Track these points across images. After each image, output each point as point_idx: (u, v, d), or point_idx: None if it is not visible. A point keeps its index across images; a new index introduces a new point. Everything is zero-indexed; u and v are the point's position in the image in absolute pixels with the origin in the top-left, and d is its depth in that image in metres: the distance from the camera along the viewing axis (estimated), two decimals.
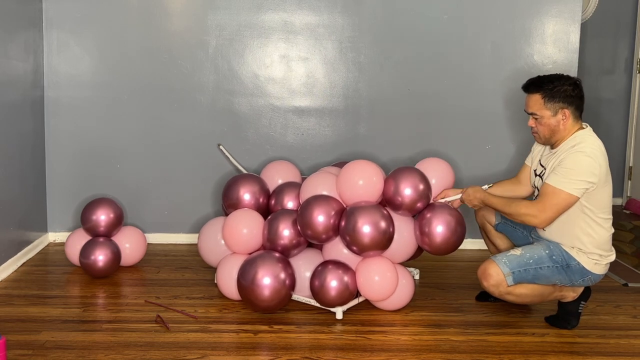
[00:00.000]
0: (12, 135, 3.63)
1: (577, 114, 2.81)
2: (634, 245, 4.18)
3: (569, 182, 2.69)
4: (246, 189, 3.29)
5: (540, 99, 2.79)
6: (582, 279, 2.85)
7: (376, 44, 4.09)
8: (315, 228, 2.96)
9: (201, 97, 4.10)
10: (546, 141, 2.88)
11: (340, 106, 4.14)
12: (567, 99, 2.77)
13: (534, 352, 2.72)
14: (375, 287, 2.98)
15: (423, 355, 2.67)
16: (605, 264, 2.87)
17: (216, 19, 4.05)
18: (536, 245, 2.90)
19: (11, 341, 2.66)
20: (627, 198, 5.46)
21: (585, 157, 2.70)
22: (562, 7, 4.05)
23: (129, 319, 2.99)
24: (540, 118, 2.81)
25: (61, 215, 4.14)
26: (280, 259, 2.98)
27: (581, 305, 2.96)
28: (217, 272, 3.23)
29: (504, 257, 2.83)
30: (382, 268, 2.98)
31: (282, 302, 2.97)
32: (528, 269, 2.80)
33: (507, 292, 2.82)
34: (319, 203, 2.99)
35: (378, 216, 2.91)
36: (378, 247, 2.93)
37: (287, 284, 2.94)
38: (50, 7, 3.99)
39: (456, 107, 4.12)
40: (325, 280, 2.93)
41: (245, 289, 2.93)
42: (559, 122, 2.78)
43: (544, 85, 2.79)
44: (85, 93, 4.07)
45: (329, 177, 3.17)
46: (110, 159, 4.12)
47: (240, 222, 3.14)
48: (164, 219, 4.20)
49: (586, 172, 2.69)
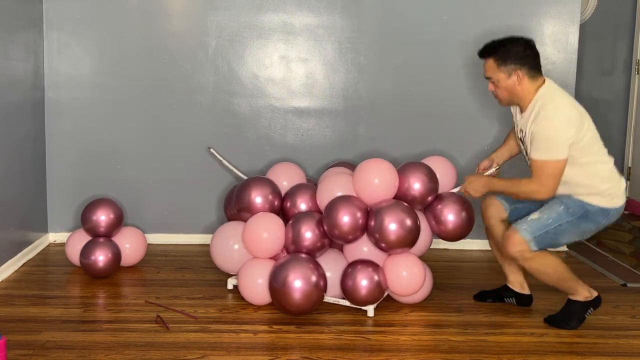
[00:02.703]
0: (12, 135, 3.64)
1: (533, 73, 2.84)
2: (633, 246, 4.19)
3: (550, 150, 2.75)
4: (258, 192, 3.23)
5: (493, 63, 2.86)
6: (606, 217, 2.87)
7: (376, 45, 4.10)
8: (342, 228, 3.00)
9: (201, 98, 4.11)
10: (508, 103, 2.94)
11: (340, 107, 4.15)
12: (519, 60, 2.82)
13: (533, 352, 2.73)
14: (404, 283, 3.05)
15: (422, 356, 2.68)
16: (621, 193, 2.90)
17: (216, 20, 4.06)
18: (551, 204, 2.91)
19: (12, 341, 2.67)
20: (625, 198, 5.47)
21: (552, 122, 2.74)
22: (561, 8, 4.06)
23: (129, 319, 2.99)
24: (496, 81, 2.88)
25: (61, 216, 4.15)
26: (312, 261, 2.99)
27: (589, 312, 2.96)
28: (238, 277, 3.17)
29: (524, 224, 2.86)
30: (409, 264, 3.06)
31: (316, 305, 2.97)
32: (548, 231, 2.83)
33: (531, 257, 2.84)
34: (344, 203, 3.03)
35: (404, 214, 2.99)
36: (407, 244, 3.01)
37: (321, 286, 2.95)
38: (51, 7, 4.00)
39: (455, 108, 4.12)
40: (356, 279, 2.98)
41: (278, 291, 2.93)
42: (515, 84, 2.84)
43: (497, 49, 2.85)
44: (85, 94, 4.08)
45: (344, 177, 3.20)
46: (110, 160, 4.13)
47: (260, 226, 3.10)
48: (164, 219, 4.21)
49: (561, 135, 2.73)
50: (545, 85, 2.86)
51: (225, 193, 4.16)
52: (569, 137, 2.74)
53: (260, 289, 3.08)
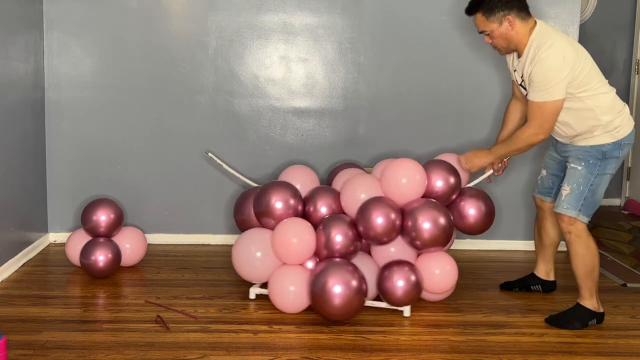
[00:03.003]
0: (12, 136, 3.64)
1: (522, 14, 2.92)
2: (633, 246, 4.20)
3: (548, 92, 2.82)
4: (278, 197, 3.16)
5: (481, 16, 2.94)
6: (620, 149, 2.93)
7: (375, 45, 4.10)
8: (377, 230, 3.00)
9: (201, 98, 4.12)
10: (507, 50, 3.01)
11: (340, 107, 4.15)
12: (505, 5, 2.90)
13: (533, 352, 2.73)
14: (437, 280, 3.09)
15: (422, 356, 2.68)
16: (626, 121, 2.95)
17: (216, 20, 4.06)
18: (572, 169, 2.97)
19: (12, 341, 2.67)
20: (625, 199, 5.48)
21: (547, 63, 2.80)
22: (560, 9, 4.06)
23: (129, 319, 3.00)
24: (490, 32, 2.96)
25: (62, 216, 4.15)
26: (352, 265, 2.98)
27: (592, 322, 2.98)
28: (269, 285, 3.10)
29: (563, 203, 2.94)
30: (442, 262, 3.11)
31: (359, 309, 2.96)
32: (586, 197, 2.91)
33: (582, 236, 2.93)
34: (378, 205, 3.03)
35: (437, 213, 3.03)
36: (441, 242, 3.05)
37: (363, 289, 2.94)
38: (51, 8, 4.00)
39: (455, 108, 4.13)
40: (392, 280, 2.98)
41: (318, 298, 2.91)
42: (508, 30, 2.91)
43: (481, 2, 2.93)
44: (85, 94, 4.08)
45: (365, 178, 3.20)
46: (110, 160, 4.13)
47: (289, 232, 3.05)
48: (164, 219, 4.21)
49: (556, 76, 2.80)
50: (538, 26, 2.93)
51: (225, 193, 4.17)
52: (564, 76, 2.81)
53: (292, 296, 3.03)
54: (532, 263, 3.50)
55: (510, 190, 4.16)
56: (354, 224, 3.08)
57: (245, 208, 3.37)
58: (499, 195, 4.07)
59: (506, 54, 3.05)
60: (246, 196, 3.41)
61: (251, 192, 3.41)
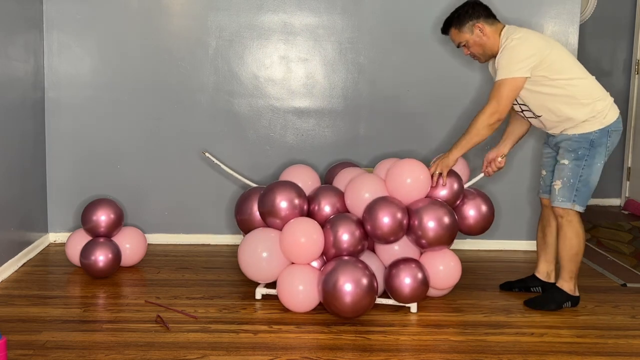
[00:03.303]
0: (12, 136, 3.64)
1: (490, 20, 3.10)
2: (633, 246, 4.20)
3: (509, 70, 2.95)
4: (283, 196, 3.16)
5: (454, 30, 3.13)
6: (609, 137, 3.02)
7: (376, 45, 4.10)
8: (384, 229, 3.03)
9: (201, 98, 4.12)
10: (485, 57, 3.15)
11: (340, 107, 4.15)
12: (472, 15, 3.08)
13: (533, 352, 2.73)
14: (442, 277, 3.14)
15: (422, 356, 2.68)
16: (611, 106, 3.05)
17: (216, 20, 4.06)
18: (561, 165, 3.07)
19: (12, 341, 2.68)
20: (625, 199, 5.48)
21: (511, 47, 2.95)
22: (560, 9, 4.06)
23: (129, 319, 3.00)
24: (466, 43, 3.13)
25: (62, 216, 4.15)
26: (362, 263, 2.99)
27: (566, 304, 3.14)
28: (277, 285, 3.10)
29: (557, 197, 3.05)
30: (446, 258, 3.16)
31: (369, 306, 2.98)
32: (577, 188, 3.02)
33: (573, 220, 3.05)
34: (386, 204, 3.05)
35: (442, 212, 3.07)
36: (446, 241, 3.09)
37: (375, 287, 2.96)
38: (51, 8, 4.00)
39: (455, 108, 4.13)
40: (400, 277, 3.01)
41: (330, 296, 2.91)
42: (480, 36, 3.08)
43: (451, 20, 3.14)
44: (85, 94, 4.08)
45: (370, 178, 3.21)
46: (110, 160, 4.13)
47: (297, 231, 3.05)
48: (164, 219, 4.21)
49: (520, 55, 2.94)
50: (507, 26, 3.10)
51: (225, 193, 4.17)
52: (528, 56, 2.92)
53: (301, 295, 3.03)
54: (533, 263, 3.51)
55: (510, 191, 4.17)
56: (360, 223, 3.10)
57: (246, 208, 3.37)
58: (499, 196, 4.08)
59: (485, 61, 3.18)
60: (247, 196, 3.40)
61: (252, 192, 3.41)
